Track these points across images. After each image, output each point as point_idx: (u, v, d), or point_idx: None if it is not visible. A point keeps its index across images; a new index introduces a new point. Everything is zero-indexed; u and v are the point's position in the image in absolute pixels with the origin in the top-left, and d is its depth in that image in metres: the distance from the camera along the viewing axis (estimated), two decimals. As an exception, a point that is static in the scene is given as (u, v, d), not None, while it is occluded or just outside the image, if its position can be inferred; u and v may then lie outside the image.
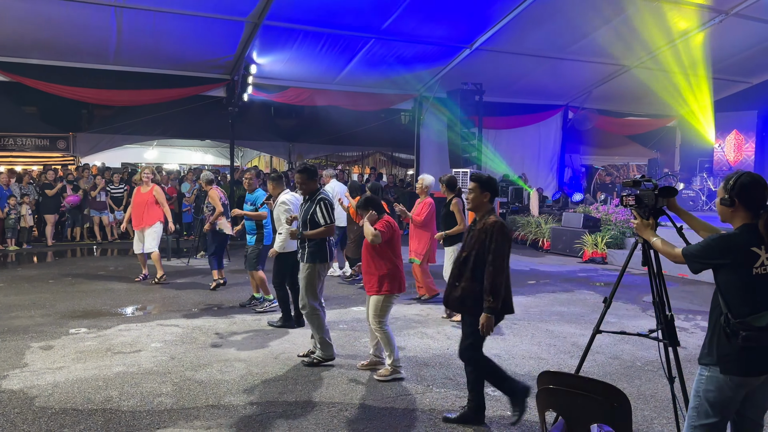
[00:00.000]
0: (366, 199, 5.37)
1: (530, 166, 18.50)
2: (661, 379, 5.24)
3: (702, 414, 2.85)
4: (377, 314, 5.09)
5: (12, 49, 12.31)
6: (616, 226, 12.50)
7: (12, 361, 5.45)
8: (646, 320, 7.37)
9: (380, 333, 5.11)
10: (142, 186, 9.47)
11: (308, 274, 5.47)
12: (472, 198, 4.18)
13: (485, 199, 4.16)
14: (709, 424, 2.82)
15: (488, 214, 4.13)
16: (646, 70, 16.15)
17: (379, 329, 5.10)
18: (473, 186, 4.17)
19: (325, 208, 5.47)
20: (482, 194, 4.16)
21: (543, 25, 13.33)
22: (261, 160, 24.23)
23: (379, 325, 5.09)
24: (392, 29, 12.89)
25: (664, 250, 3.15)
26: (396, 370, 5.15)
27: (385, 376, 5.11)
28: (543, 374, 2.89)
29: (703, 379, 2.86)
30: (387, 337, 5.11)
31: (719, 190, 2.91)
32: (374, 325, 5.12)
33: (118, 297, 8.31)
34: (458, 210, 7.11)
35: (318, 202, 5.49)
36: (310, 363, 5.48)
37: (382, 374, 5.14)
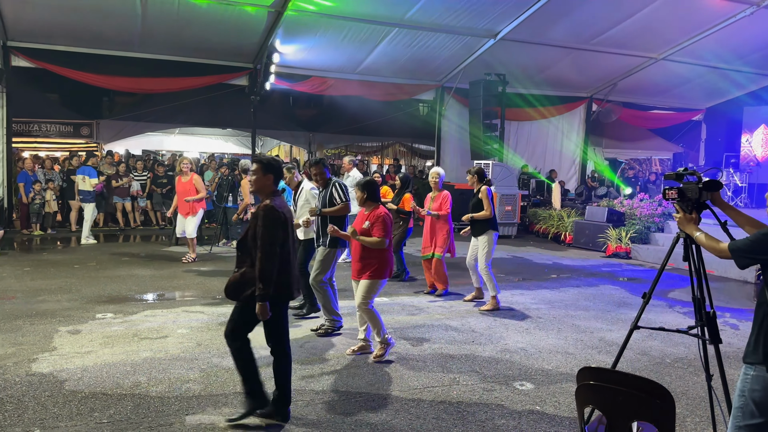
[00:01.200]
0: (366, 183, 5.45)
1: (553, 158, 18.30)
2: (692, 376, 5.17)
3: (747, 414, 2.77)
4: (366, 297, 5.24)
5: (38, 35, 12.43)
6: (641, 221, 12.33)
7: (41, 345, 5.50)
8: (675, 316, 7.27)
9: (367, 314, 5.28)
10: (182, 176, 9.93)
11: (326, 257, 6.06)
12: (254, 180, 4.17)
13: (268, 181, 4.12)
14: (755, 424, 2.74)
15: (270, 196, 4.09)
16: (673, 62, 15.87)
17: (366, 310, 5.26)
18: (256, 168, 4.15)
19: (340, 189, 6.14)
20: (265, 176, 4.11)
21: (569, 15, 13.13)
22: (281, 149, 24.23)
23: (366, 305, 5.25)
24: (416, 18, 12.77)
25: (708, 245, 3.06)
26: (386, 343, 5.34)
27: (380, 357, 5.30)
28: (583, 370, 2.83)
29: (748, 379, 2.78)
30: (374, 317, 5.28)
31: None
32: (361, 307, 5.27)
33: (143, 283, 8.37)
34: (486, 197, 7.30)
35: (333, 185, 6.17)
36: (323, 333, 6.04)
37: (376, 355, 5.33)
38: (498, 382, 4.91)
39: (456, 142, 17.06)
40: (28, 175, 12.81)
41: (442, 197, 7.86)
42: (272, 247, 3.91)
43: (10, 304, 6.96)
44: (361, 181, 5.53)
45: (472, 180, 7.56)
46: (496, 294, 7.27)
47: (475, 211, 7.37)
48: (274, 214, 3.95)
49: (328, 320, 6.12)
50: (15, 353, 5.24)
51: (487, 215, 7.25)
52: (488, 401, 4.51)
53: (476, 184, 7.51)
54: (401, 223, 8.71)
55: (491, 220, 7.30)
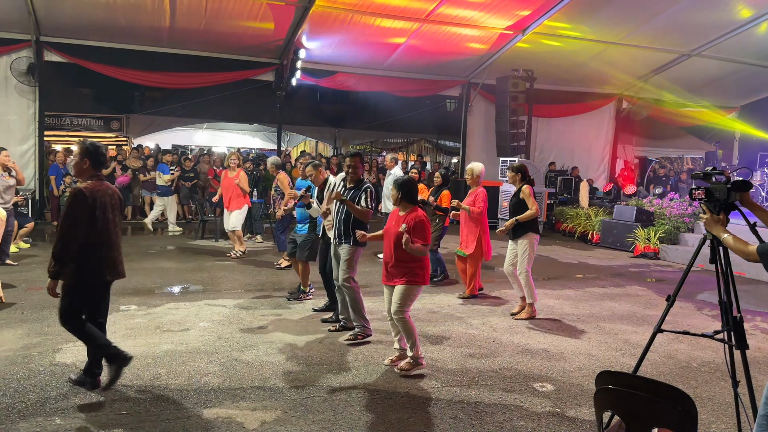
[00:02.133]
0: (402, 183, 5.07)
1: (581, 156, 18.03)
2: (719, 381, 5.03)
3: (774, 423, 2.67)
4: (402, 304, 4.86)
5: (69, 30, 12.65)
6: (670, 221, 12.07)
7: (65, 335, 5.51)
8: (702, 319, 7.10)
9: (402, 323, 4.89)
10: (229, 170, 10.12)
11: (351, 256, 5.70)
12: (74, 164, 4.34)
13: (85, 165, 4.28)
14: (781, 433, 2.65)
15: (88, 179, 4.25)
16: (705, 58, 15.49)
17: (401, 319, 4.88)
18: (75, 152, 4.34)
19: (370, 196, 5.69)
20: (82, 161, 4.28)
21: (599, 10, 12.91)
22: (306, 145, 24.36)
23: (401, 314, 4.87)
24: (443, 13, 12.67)
25: (736, 248, 2.96)
26: (418, 362, 4.92)
27: (406, 371, 4.88)
28: (602, 374, 2.76)
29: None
30: (409, 328, 4.90)
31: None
32: (397, 315, 4.88)
33: (168, 276, 8.47)
34: (529, 195, 6.71)
35: (365, 190, 5.70)
36: (353, 340, 5.67)
37: (403, 368, 4.90)
38: (518, 383, 4.83)
39: (482, 138, 16.92)
40: (59, 168, 13.06)
41: (476, 194, 7.62)
42: (72, 228, 4.11)
43: (38, 294, 7.09)
44: (399, 179, 5.14)
45: (513, 177, 6.93)
46: (533, 302, 6.77)
47: (516, 211, 6.78)
48: (80, 197, 4.13)
49: (359, 326, 5.73)
50: (40, 343, 5.34)
51: (533, 215, 6.64)
52: (507, 402, 4.45)
53: (518, 182, 6.89)
54: (437, 221, 8.40)
55: (534, 221, 6.73)
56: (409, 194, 5.03)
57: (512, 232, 6.84)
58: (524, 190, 6.76)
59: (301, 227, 7.20)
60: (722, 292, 3.34)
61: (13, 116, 12.67)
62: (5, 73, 12.49)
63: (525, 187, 6.77)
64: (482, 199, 7.52)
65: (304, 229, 7.15)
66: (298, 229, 7.23)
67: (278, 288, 7.95)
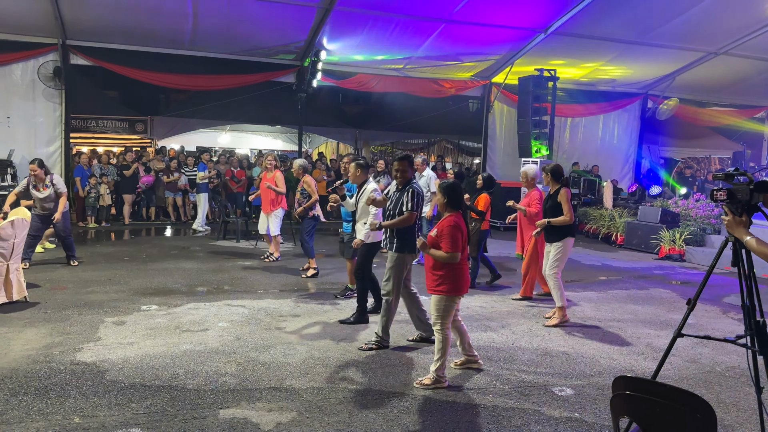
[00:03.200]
0: (448, 186, 4.88)
1: (605, 156, 17.76)
2: (744, 386, 4.90)
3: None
4: (438, 315, 4.73)
5: (95, 34, 12.86)
6: (696, 222, 11.85)
7: (87, 335, 5.66)
8: (728, 323, 6.94)
9: (438, 335, 4.74)
10: (267, 172, 10.01)
11: (396, 264, 5.52)
12: None
13: None
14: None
15: None
16: (733, 57, 15.17)
17: (438, 331, 4.74)
18: None
19: (411, 197, 5.49)
20: None
21: (623, 8, 12.71)
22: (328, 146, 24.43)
23: (438, 326, 4.73)
24: (464, 13, 12.59)
25: (759, 251, 2.88)
26: (439, 379, 4.68)
27: (425, 385, 4.66)
28: (619, 379, 2.70)
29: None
30: (442, 342, 4.71)
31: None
32: (436, 326, 4.75)
33: (189, 276, 8.54)
34: (566, 200, 6.55)
35: (408, 191, 5.54)
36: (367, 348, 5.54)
37: (422, 382, 4.70)
38: (536, 387, 4.77)
39: (504, 139, 16.79)
40: (84, 169, 13.28)
41: (530, 195, 7.57)
42: None
43: (61, 294, 7.21)
44: (443, 183, 4.94)
45: (547, 179, 6.78)
46: (563, 305, 6.55)
47: (551, 214, 6.61)
48: None
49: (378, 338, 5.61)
50: (62, 342, 5.42)
51: (566, 221, 6.48)
52: (525, 406, 4.39)
53: (552, 184, 6.71)
54: (473, 224, 8.16)
55: (571, 225, 6.57)
56: (455, 200, 4.82)
57: (548, 235, 6.69)
58: (562, 193, 6.58)
59: (347, 226, 7.15)
60: (745, 296, 3.25)
61: (40, 119, 12.91)
62: (32, 77, 12.74)
63: (563, 190, 6.60)
64: (537, 200, 7.45)
65: (348, 228, 7.11)
66: (345, 227, 7.19)
67: (298, 289, 7.98)
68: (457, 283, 4.74)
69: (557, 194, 6.61)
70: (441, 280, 4.72)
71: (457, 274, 4.74)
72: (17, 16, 11.90)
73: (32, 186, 8.62)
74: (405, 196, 5.50)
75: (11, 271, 6.61)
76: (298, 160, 9.59)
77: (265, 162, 10.15)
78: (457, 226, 4.70)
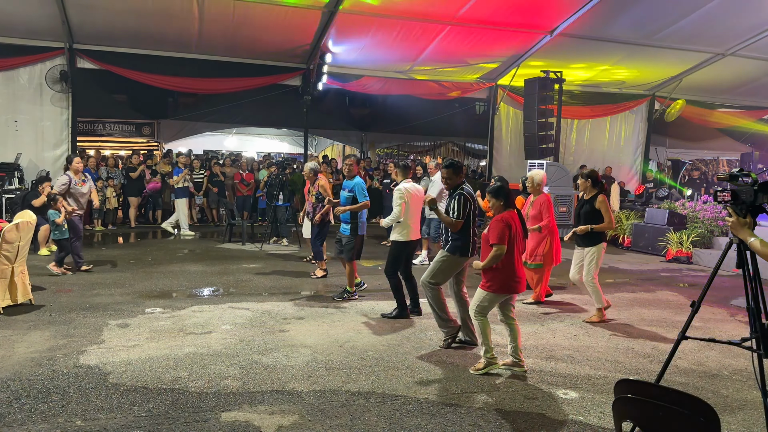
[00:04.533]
0: (497, 189, 5.10)
1: (612, 158, 17.70)
2: (751, 390, 4.85)
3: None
4: (475, 305, 5.07)
5: (101, 38, 12.93)
6: (703, 224, 11.76)
7: (90, 337, 5.67)
8: (734, 326, 6.87)
9: (475, 321, 5.11)
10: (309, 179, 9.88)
11: (442, 261, 5.69)
12: None
13: None
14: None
15: None
16: (741, 58, 15.08)
17: (474, 317, 5.10)
18: None
19: (459, 202, 5.58)
20: None
21: (630, 10, 12.66)
22: (334, 149, 24.47)
23: (474, 314, 5.08)
24: (469, 15, 12.57)
25: (762, 252, 2.85)
26: (489, 362, 5.06)
27: (479, 369, 5.06)
28: (621, 382, 2.67)
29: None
30: (481, 328, 5.08)
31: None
32: (471, 312, 5.13)
33: (194, 279, 8.55)
34: (607, 208, 6.58)
35: (455, 196, 5.64)
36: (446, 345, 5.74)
37: (476, 367, 5.09)
38: (541, 390, 4.73)
39: (510, 141, 16.75)
40: (91, 172, 13.31)
41: (540, 203, 7.51)
42: None
43: (66, 296, 7.24)
44: (492, 188, 5.14)
45: (584, 185, 6.77)
46: (602, 306, 6.73)
47: (587, 219, 6.61)
48: None
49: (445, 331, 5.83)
50: (66, 345, 5.43)
51: (608, 227, 6.57)
52: (529, 409, 4.36)
53: (589, 190, 6.73)
54: None
55: (604, 231, 6.64)
56: (507, 200, 5.09)
57: (581, 239, 6.71)
58: (601, 200, 6.60)
59: (344, 227, 7.33)
60: (750, 299, 3.21)
61: (47, 122, 12.98)
62: (39, 80, 12.81)
63: (601, 197, 6.62)
64: (548, 207, 7.47)
65: (347, 229, 7.28)
66: (342, 229, 7.34)
67: (302, 292, 7.97)
68: (497, 281, 4.96)
69: (594, 200, 6.63)
70: (485, 276, 5.02)
71: (499, 273, 4.96)
72: (24, 21, 11.98)
73: (74, 183, 8.72)
74: (454, 201, 5.61)
75: (16, 273, 6.63)
76: (309, 163, 9.49)
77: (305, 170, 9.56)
78: (503, 220, 4.93)
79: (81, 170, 8.85)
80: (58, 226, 8.40)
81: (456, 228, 5.56)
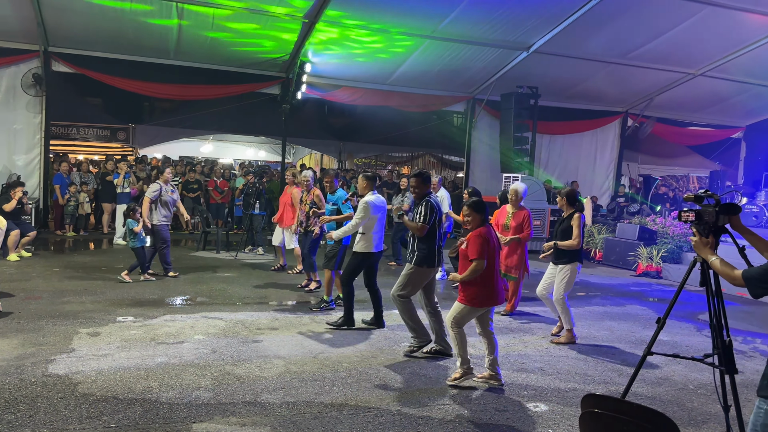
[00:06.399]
0: (478, 203, 5.16)
1: (585, 173, 18.01)
2: (715, 404, 4.96)
3: (760, 450, 2.63)
4: (452, 317, 5.09)
5: (78, 41, 12.79)
6: (673, 240, 12.02)
7: (60, 346, 5.60)
8: (701, 340, 7.03)
9: (451, 332, 5.13)
10: (288, 186, 10.07)
11: (410, 273, 5.77)
12: None
13: None
14: (768, 461, 2.61)
15: None
16: (711, 78, 15.50)
17: (450, 328, 5.13)
18: None
19: (425, 209, 5.72)
20: None
21: (604, 29, 12.94)
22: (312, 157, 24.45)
23: (450, 325, 5.11)
24: (448, 30, 12.73)
25: (722, 272, 2.94)
26: (467, 371, 5.15)
27: (455, 380, 5.10)
28: (587, 397, 2.73)
29: (761, 413, 2.65)
30: (457, 340, 5.12)
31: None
32: (447, 323, 5.15)
33: (167, 287, 8.48)
34: (578, 225, 6.56)
35: (423, 203, 5.79)
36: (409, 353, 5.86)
37: (452, 377, 5.14)
38: (511, 402, 4.80)
39: (486, 154, 16.92)
40: (63, 177, 13.14)
41: (522, 216, 7.65)
42: None
43: (35, 304, 7.12)
44: (472, 202, 5.17)
45: (561, 203, 6.81)
46: (572, 327, 6.63)
47: (562, 237, 6.63)
48: None
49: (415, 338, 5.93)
50: (34, 353, 5.34)
51: (573, 245, 6.51)
52: (499, 422, 4.41)
53: (566, 207, 6.75)
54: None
55: (579, 250, 6.60)
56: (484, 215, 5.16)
57: (557, 256, 6.68)
58: (575, 218, 6.61)
59: None
60: (713, 316, 3.32)
61: (20, 125, 12.78)
62: (12, 83, 12.62)
63: (577, 215, 6.63)
64: (529, 220, 7.65)
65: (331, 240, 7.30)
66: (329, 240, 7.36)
67: (276, 302, 7.95)
68: (476, 294, 5.02)
69: (571, 218, 6.65)
70: (465, 292, 5.05)
71: (479, 286, 5.01)
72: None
73: (165, 191, 8.96)
74: (420, 207, 5.76)
75: (-15, 280, 6.52)
76: (306, 172, 9.40)
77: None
78: (482, 236, 4.98)
79: (170, 180, 9.21)
80: (136, 234, 8.59)
81: (421, 232, 5.67)
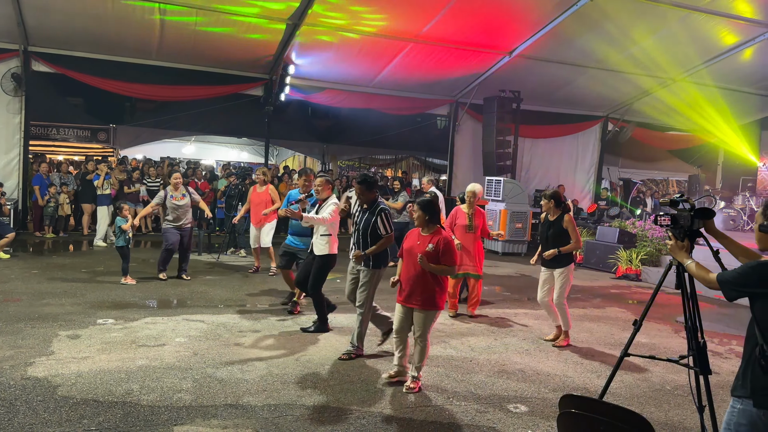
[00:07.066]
0: (425, 203, 5.08)
1: (566, 176, 18.19)
2: (691, 404, 5.04)
3: (732, 449, 2.70)
4: (425, 329, 4.98)
5: (58, 41, 12.66)
6: (652, 243, 12.19)
7: (39, 348, 5.54)
8: (679, 342, 7.14)
9: (422, 345, 5.00)
10: (258, 186, 10.05)
11: (371, 279, 5.73)
12: None
13: None
14: (740, 459, 2.68)
15: None
16: (689, 84, 15.75)
17: (424, 343, 5.00)
18: None
19: (386, 219, 5.69)
20: None
21: (585, 35, 13.10)
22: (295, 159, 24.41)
23: (425, 338, 5.00)
24: (432, 34, 12.81)
25: (697, 275, 3.01)
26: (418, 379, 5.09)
27: (411, 389, 4.99)
28: (565, 397, 2.78)
29: (735, 412, 2.72)
30: (426, 351, 5.06)
31: (757, 216, 2.76)
32: (422, 339, 4.98)
33: (148, 289, 8.42)
34: (575, 227, 6.48)
35: (378, 213, 5.68)
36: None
37: (409, 386, 5.01)
38: (492, 404, 4.84)
39: (469, 157, 17.03)
40: (43, 178, 12.98)
41: (483, 214, 7.95)
42: None
43: (14, 306, 7.04)
44: (423, 200, 5.13)
45: (547, 205, 6.59)
46: (569, 329, 6.66)
47: (556, 241, 6.46)
48: None
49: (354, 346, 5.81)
50: (13, 356, 5.29)
51: (576, 247, 6.41)
52: (480, 423, 4.46)
53: (553, 210, 6.56)
54: None
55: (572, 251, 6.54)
56: (434, 214, 5.07)
57: (551, 261, 6.55)
58: (568, 220, 6.48)
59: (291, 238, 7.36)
60: (688, 317, 3.39)
61: (-2, 125, 12.62)
62: (-8, 82, 12.46)
63: (568, 216, 6.51)
64: (485, 218, 7.97)
65: (295, 240, 7.32)
66: (289, 240, 7.38)
67: (258, 304, 7.93)
68: (442, 297, 5.09)
69: (560, 221, 6.50)
70: (427, 295, 4.96)
71: (444, 289, 5.10)
72: (-24, 21, 11.66)
73: (171, 196, 9.02)
74: (378, 219, 5.64)
75: (-38, 282, 6.43)
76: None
77: (256, 177, 10.11)
78: (451, 242, 5.07)
79: (180, 185, 9.17)
80: (123, 232, 8.56)
81: (390, 242, 5.72)
